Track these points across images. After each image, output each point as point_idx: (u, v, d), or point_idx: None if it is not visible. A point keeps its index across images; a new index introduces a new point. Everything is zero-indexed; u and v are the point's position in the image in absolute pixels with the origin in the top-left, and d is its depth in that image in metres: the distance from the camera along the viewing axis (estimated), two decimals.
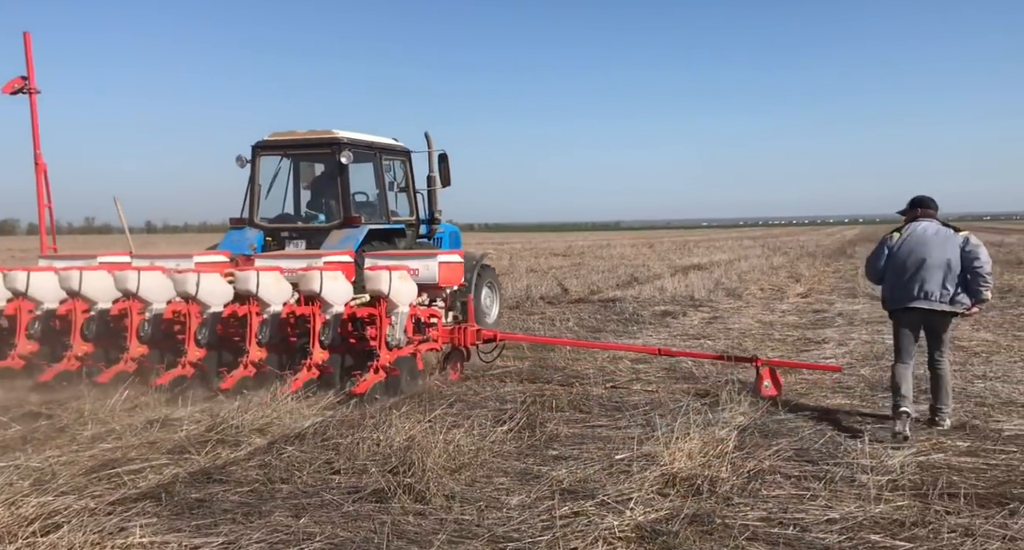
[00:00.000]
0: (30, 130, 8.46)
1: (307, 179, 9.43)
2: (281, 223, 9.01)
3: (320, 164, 9.18)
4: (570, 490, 4.14)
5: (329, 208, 8.90)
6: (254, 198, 8.96)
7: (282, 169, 9.17)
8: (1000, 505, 3.81)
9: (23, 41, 8.21)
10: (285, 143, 8.94)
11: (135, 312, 6.78)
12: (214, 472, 4.47)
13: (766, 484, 4.18)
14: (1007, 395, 6.12)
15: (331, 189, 8.82)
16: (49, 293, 7.12)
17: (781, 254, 29.62)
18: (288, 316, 6.64)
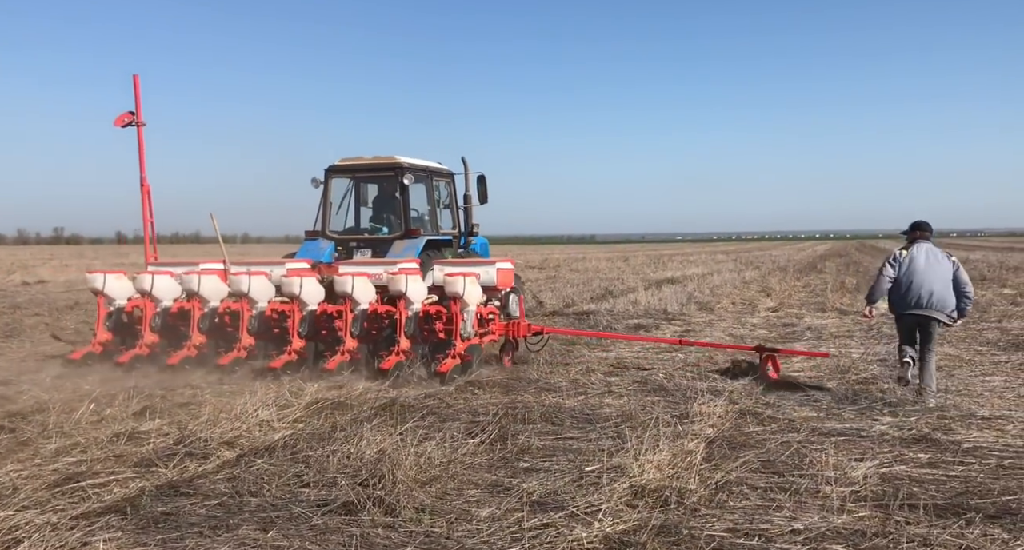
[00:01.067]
0: (136, 157, 9.63)
1: (370, 197, 10.72)
2: (349, 235, 10.27)
3: (382, 184, 10.50)
4: (540, 502, 4.16)
5: (390, 222, 10.24)
6: (326, 213, 10.20)
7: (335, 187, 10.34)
8: (957, 515, 3.91)
9: (132, 82, 9.48)
10: (354, 167, 10.30)
11: (245, 309, 8.16)
12: (181, 485, 4.43)
13: (733, 495, 4.25)
14: (967, 408, 6.27)
15: (392, 206, 10.20)
16: (168, 293, 8.56)
17: (753, 268, 30.01)
18: (373, 312, 8.00)
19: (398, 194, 9.97)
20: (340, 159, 10.32)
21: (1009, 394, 6.85)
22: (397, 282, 7.71)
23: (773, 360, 7.56)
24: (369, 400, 6.63)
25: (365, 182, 10.59)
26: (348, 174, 10.38)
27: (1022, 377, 7.63)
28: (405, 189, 9.86)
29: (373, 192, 10.70)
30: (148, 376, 7.78)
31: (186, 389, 7.15)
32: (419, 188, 10.34)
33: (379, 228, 10.34)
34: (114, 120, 9.49)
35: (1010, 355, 8.95)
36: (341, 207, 10.37)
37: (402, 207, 9.92)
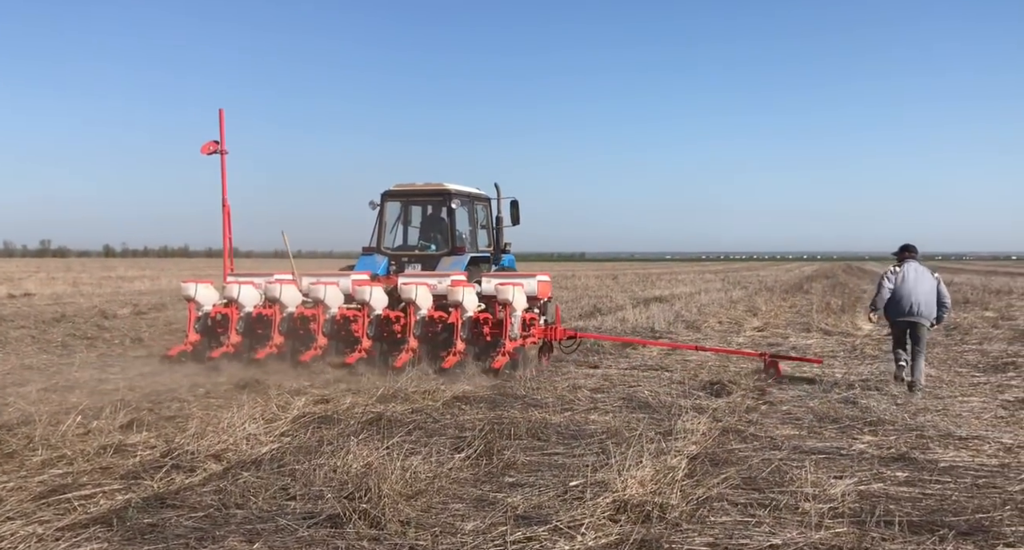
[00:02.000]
0: (220, 181, 10.56)
1: (419, 218, 12.00)
2: (401, 251, 11.55)
3: (432, 207, 11.81)
4: (524, 516, 4.22)
5: (438, 240, 11.50)
6: (382, 232, 11.44)
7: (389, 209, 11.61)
8: (931, 532, 3.99)
9: (219, 115, 10.51)
10: (407, 192, 11.60)
11: (320, 314, 9.45)
12: (168, 497, 4.45)
13: (714, 511, 4.32)
14: (945, 428, 6.38)
15: (440, 226, 11.50)
16: (251, 300, 9.78)
17: (740, 288, 30.23)
18: (436, 316, 9.27)
19: (445, 216, 11.29)
20: (395, 184, 11.61)
21: (987, 415, 6.97)
22: (455, 293, 8.99)
23: (776, 364, 9.08)
24: (356, 414, 6.67)
25: (416, 205, 11.92)
26: (401, 198, 11.66)
27: (1000, 398, 7.75)
28: (452, 212, 11.18)
29: (423, 214, 11.98)
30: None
31: (173, 402, 7.17)
32: (463, 211, 11.59)
33: (428, 245, 11.58)
34: (200, 148, 10.50)
35: (989, 377, 9.09)
36: (394, 226, 11.70)
37: (449, 228, 11.21)
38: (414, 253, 11.46)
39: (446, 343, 9.11)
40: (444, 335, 9.23)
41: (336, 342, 9.53)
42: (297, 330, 9.64)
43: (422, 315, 9.22)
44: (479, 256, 11.42)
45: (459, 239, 11.24)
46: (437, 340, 9.26)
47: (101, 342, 11.89)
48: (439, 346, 9.16)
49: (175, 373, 8.90)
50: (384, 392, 7.55)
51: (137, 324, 14.53)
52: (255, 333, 9.78)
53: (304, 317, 9.70)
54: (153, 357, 10.35)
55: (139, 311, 17.48)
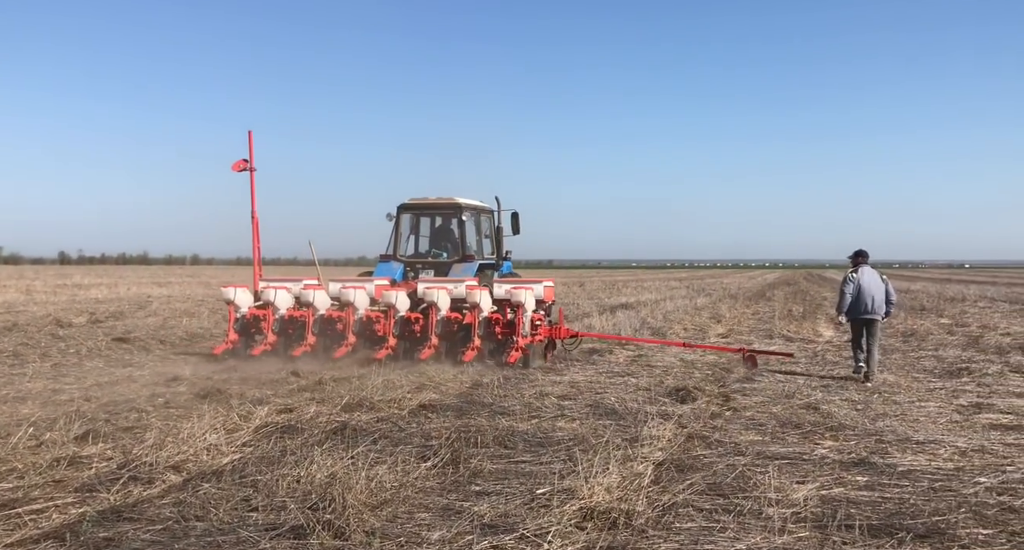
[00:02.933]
0: (249, 196, 11.63)
1: (431, 229, 13.06)
2: (415, 258, 12.62)
3: (443, 219, 12.94)
4: (491, 525, 4.19)
5: (449, 249, 12.64)
6: (397, 241, 12.52)
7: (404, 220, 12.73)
8: (890, 535, 4.07)
9: (248, 137, 11.59)
10: (421, 205, 12.75)
11: (350, 315, 10.51)
12: (125, 510, 4.33)
13: (679, 517, 4.34)
14: (903, 433, 6.53)
15: (450, 236, 12.70)
16: (284, 303, 10.89)
17: (705, 295, 30.62)
18: (454, 317, 10.36)
19: (456, 227, 12.55)
20: (409, 198, 12.72)
21: (942, 419, 7.14)
22: (473, 295, 10.14)
23: (753, 358, 10.54)
24: (320, 424, 6.57)
25: (428, 216, 13.04)
26: (415, 210, 12.79)
27: (955, 403, 7.96)
28: (463, 223, 12.37)
29: (433, 224, 13.07)
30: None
31: (131, 413, 6.99)
32: (471, 222, 12.67)
33: (440, 253, 12.69)
34: (232, 165, 11.44)
35: (944, 382, 9.34)
36: (409, 236, 12.83)
37: (460, 237, 12.41)
38: (427, 260, 12.57)
39: (463, 340, 10.24)
40: (461, 333, 10.35)
41: (363, 340, 10.58)
42: (327, 330, 10.74)
43: (441, 316, 10.28)
44: (486, 263, 12.55)
45: (469, 248, 12.37)
46: (455, 338, 10.37)
47: (55, 352, 11.54)
48: (457, 343, 10.31)
49: (134, 382, 8.70)
50: (349, 401, 7.46)
51: (94, 333, 14.15)
52: (288, 333, 10.92)
53: (332, 318, 10.77)
54: (111, 367, 10.09)
55: (96, 320, 17.03)
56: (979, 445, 6.09)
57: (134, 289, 32.68)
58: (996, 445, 6.11)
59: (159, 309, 20.91)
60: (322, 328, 10.74)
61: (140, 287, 34.60)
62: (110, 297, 26.79)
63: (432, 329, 10.22)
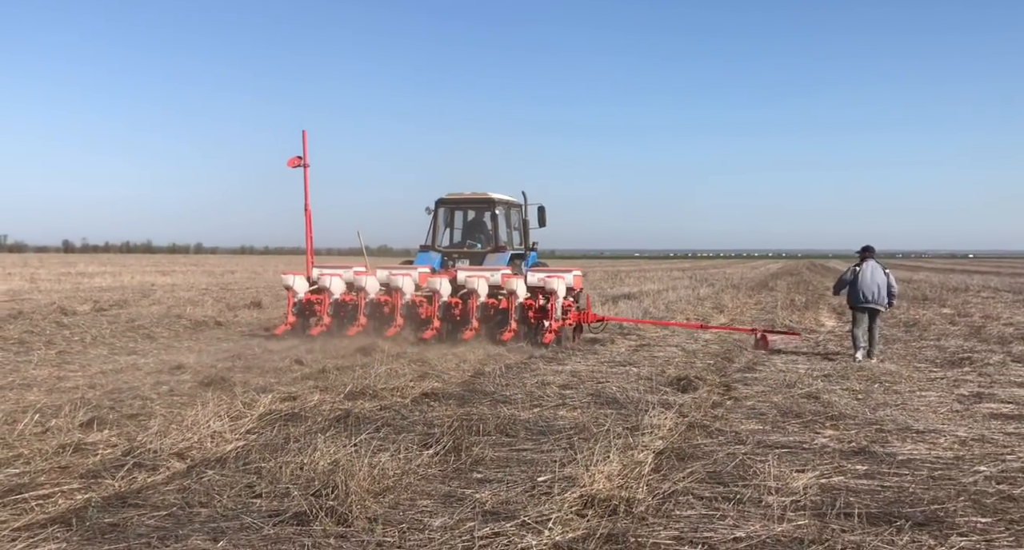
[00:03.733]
0: (302, 190, 12.66)
1: (466, 221, 14.19)
2: (451, 249, 13.74)
3: (477, 212, 14.00)
4: (492, 512, 4.23)
5: (483, 240, 13.75)
6: (435, 233, 13.64)
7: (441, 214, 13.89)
8: (889, 523, 4.10)
9: (302, 136, 12.59)
10: (457, 199, 13.86)
11: (398, 300, 11.62)
12: (130, 496, 4.37)
13: (679, 505, 4.37)
14: (903, 422, 6.55)
15: (484, 228, 13.79)
16: (338, 288, 12.00)
17: (707, 285, 30.61)
18: (491, 302, 11.44)
19: (489, 220, 13.62)
20: (447, 194, 13.85)
21: (943, 409, 7.16)
22: (510, 283, 11.24)
23: (764, 338, 11.52)
24: (323, 412, 6.61)
25: (464, 210, 14.14)
26: (451, 205, 13.90)
27: (955, 393, 7.98)
28: (495, 217, 13.47)
29: (470, 218, 14.16)
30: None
31: (136, 400, 7.04)
32: (502, 216, 13.73)
33: (475, 244, 13.82)
34: (287, 162, 12.41)
35: (946, 372, 9.35)
36: (446, 228, 13.95)
37: (493, 230, 13.50)
38: (463, 250, 13.64)
39: (500, 323, 11.35)
40: (498, 317, 11.46)
41: (409, 322, 11.60)
42: (376, 312, 11.83)
43: (481, 301, 11.33)
44: (516, 253, 13.57)
45: (501, 239, 13.50)
46: (493, 321, 11.46)
47: (60, 339, 11.60)
48: (494, 326, 11.38)
49: (138, 370, 8.76)
50: (352, 389, 7.50)
51: (98, 321, 14.21)
52: (340, 315, 11.98)
53: (381, 302, 11.90)
54: (115, 354, 10.15)
55: (100, 308, 17.09)
56: (979, 434, 6.11)
57: (138, 277, 32.77)
58: (996, 434, 6.13)
59: (163, 297, 20.98)
60: (372, 310, 11.84)
61: (144, 275, 34.68)
62: (114, 285, 26.88)
63: (473, 313, 11.28)
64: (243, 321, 14.94)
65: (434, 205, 13.77)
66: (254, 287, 27.40)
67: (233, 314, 16.34)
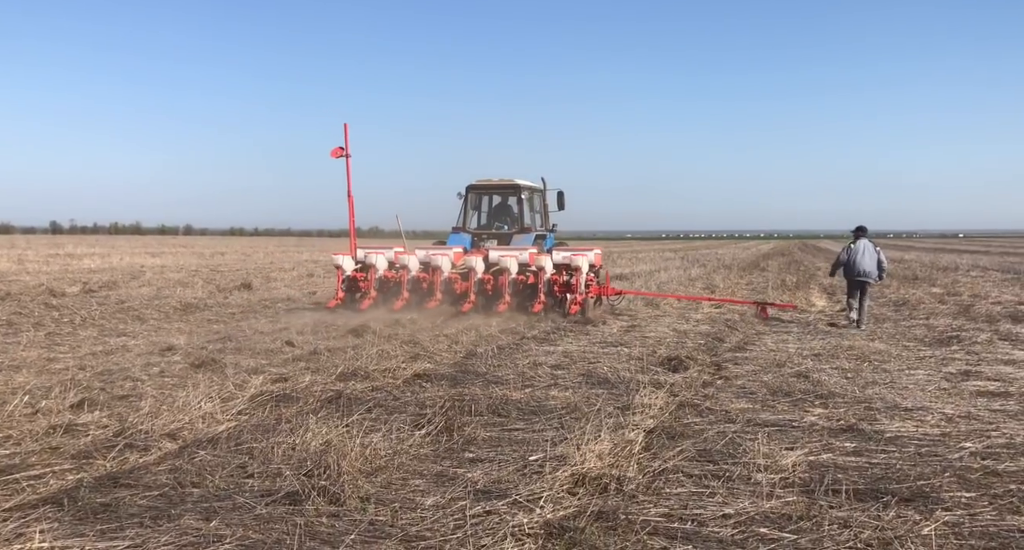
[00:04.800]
0: (345, 178, 13.74)
1: (493, 205, 15.48)
2: (481, 230, 15.03)
3: (504, 197, 15.31)
4: (484, 491, 4.26)
5: (509, 222, 15.06)
6: (466, 216, 14.96)
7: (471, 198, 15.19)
8: (875, 499, 4.15)
9: (343, 128, 13.67)
10: (486, 185, 15.18)
11: (437, 277, 12.81)
12: (121, 477, 4.37)
13: (669, 483, 4.41)
14: (892, 400, 6.61)
15: (510, 212, 15.12)
16: (382, 266, 13.28)
17: (699, 266, 30.68)
18: (520, 278, 12.67)
19: (515, 204, 14.94)
20: (476, 180, 15.11)
21: (931, 387, 7.23)
22: (540, 260, 12.51)
23: (764, 308, 12.94)
24: (315, 393, 6.62)
25: (492, 195, 15.44)
26: (480, 190, 15.21)
27: (943, 371, 8.05)
28: (521, 201, 14.77)
29: (490, 202, 15.49)
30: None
31: (126, 382, 7.02)
32: (527, 200, 14.98)
33: (502, 226, 15.12)
34: (330, 152, 13.44)
35: (934, 351, 9.43)
36: (477, 211, 15.22)
37: (519, 213, 14.81)
38: (491, 232, 14.92)
39: (529, 297, 12.56)
40: (527, 291, 12.65)
41: (447, 296, 12.75)
42: (417, 288, 12.97)
43: (512, 277, 12.54)
44: (539, 234, 14.88)
45: (525, 221, 14.79)
46: (523, 295, 12.66)
47: (49, 321, 11.54)
48: (524, 299, 12.60)
49: (129, 352, 8.73)
50: (344, 370, 7.51)
51: (88, 303, 14.13)
52: (384, 290, 13.18)
53: (420, 279, 13.05)
54: (105, 336, 10.11)
55: (89, 289, 17.00)
56: (966, 411, 6.18)
57: (127, 259, 32.57)
58: (982, 411, 6.20)
59: (152, 279, 20.86)
60: (413, 286, 13.02)
61: (133, 257, 34.47)
62: (103, 267, 26.71)
63: (505, 288, 12.51)
64: (233, 303, 14.88)
65: (465, 191, 14.99)
66: (244, 269, 27.26)
67: (223, 296, 16.28)
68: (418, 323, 11.29)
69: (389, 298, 12.93)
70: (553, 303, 12.64)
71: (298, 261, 34.32)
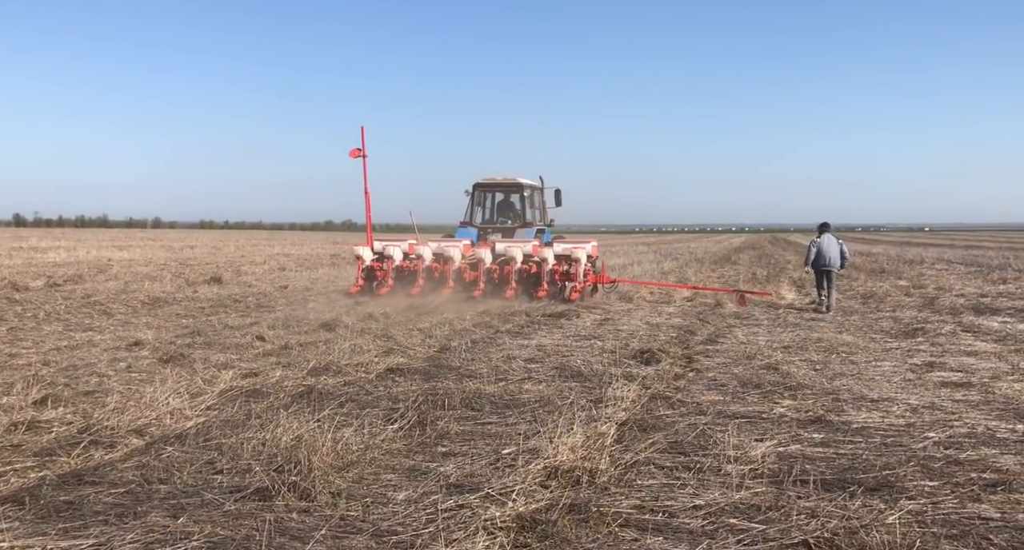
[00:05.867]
0: (362, 176, 14.87)
1: (496, 201, 16.98)
2: (486, 224, 16.48)
3: (507, 194, 16.92)
4: (456, 485, 4.25)
5: (512, 217, 16.62)
6: (472, 211, 16.42)
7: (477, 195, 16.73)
8: (842, 489, 4.22)
9: (360, 131, 15.02)
10: (491, 184, 16.66)
11: (449, 266, 14.27)
12: (86, 474, 4.29)
13: (641, 474, 4.44)
14: (859, 391, 6.72)
15: (513, 208, 16.76)
16: (398, 256, 14.70)
17: (672, 260, 30.93)
18: (525, 268, 14.15)
19: (517, 201, 16.65)
20: (482, 178, 16.56)
21: (897, 378, 7.37)
22: (543, 252, 14.00)
23: (742, 296, 13.94)
24: (286, 388, 6.55)
25: (496, 192, 16.92)
26: (486, 188, 16.69)
27: (909, 362, 8.21)
28: (523, 198, 16.44)
29: (494, 199, 16.97)
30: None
31: (92, 377, 6.89)
32: (528, 197, 16.50)
33: (505, 221, 16.62)
34: (348, 153, 14.70)
35: (900, 343, 9.61)
36: (482, 207, 16.67)
37: (521, 209, 16.48)
38: (495, 226, 16.35)
39: (534, 284, 13.96)
40: (531, 279, 14.08)
41: (459, 284, 14.08)
42: (430, 276, 14.32)
43: (518, 267, 14.00)
44: (539, 228, 16.17)
45: (527, 217, 16.33)
46: (527, 283, 14.05)
47: (12, 316, 11.27)
48: (528, 287, 13.97)
49: (95, 347, 8.56)
50: (316, 365, 7.44)
51: (52, 297, 13.83)
52: (401, 278, 14.51)
53: (433, 268, 14.38)
54: (70, 331, 9.90)
55: (54, 283, 16.64)
56: (930, 402, 6.31)
57: (94, 252, 31.91)
58: (945, 401, 6.34)
59: (120, 273, 20.48)
60: (427, 275, 14.36)
61: (100, 250, 33.78)
62: (69, 260, 26.15)
63: (512, 277, 13.92)
64: (203, 297, 14.67)
65: (472, 188, 16.39)
66: (214, 262, 26.88)
67: (193, 290, 16.04)
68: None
69: (405, 285, 14.27)
70: (555, 291, 13.94)
71: (270, 255, 33.92)
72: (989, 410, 6.06)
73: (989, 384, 7.03)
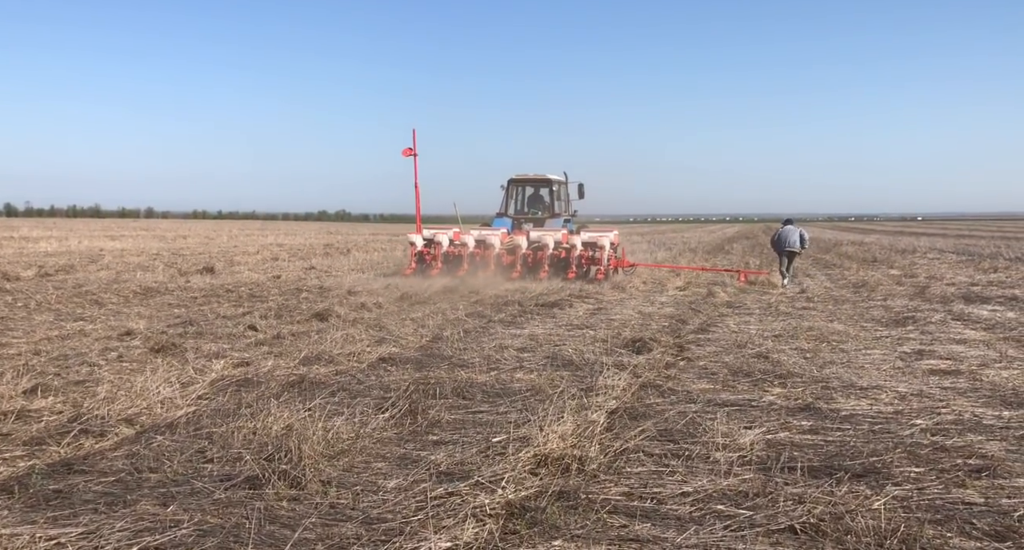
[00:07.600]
0: (412, 172, 17.37)
1: (527, 194, 19.28)
2: (519, 215, 18.74)
3: (538, 188, 19.20)
4: (447, 472, 4.26)
5: (542, 209, 18.90)
6: (507, 203, 18.70)
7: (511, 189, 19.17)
8: (829, 476, 4.26)
9: (412, 133, 17.40)
10: (523, 179, 18.94)
11: (490, 253, 16.33)
12: (75, 463, 4.29)
13: (630, 462, 4.47)
14: (848, 379, 6.77)
15: (542, 200, 19.09)
16: (445, 243, 16.73)
17: (665, 249, 30.99)
18: (556, 253, 16.22)
19: (547, 194, 18.99)
20: (515, 174, 18.76)
21: (886, 366, 7.42)
22: (572, 239, 16.13)
23: (744, 274, 16.51)
24: (277, 377, 6.55)
25: (527, 187, 19.23)
26: (519, 182, 19.02)
27: (899, 351, 8.26)
28: (552, 191, 18.81)
29: (524, 192, 19.26)
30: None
31: (82, 366, 6.87)
32: (556, 190, 18.75)
33: (536, 212, 18.86)
34: (401, 152, 17.03)
35: (890, 331, 9.67)
36: (515, 200, 18.96)
37: (550, 201, 18.85)
38: (527, 216, 18.58)
39: (563, 268, 16.03)
40: (560, 264, 16.12)
41: (498, 268, 16.06)
42: (472, 261, 16.37)
43: (550, 253, 16.08)
44: (566, 218, 18.27)
45: (555, 209, 18.60)
46: (557, 266, 16.10)
47: (2, 305, 11.22)
48: (558, 270, 16.00)
49: (86, 336, 8.54)
50: (307, 354, 7.44)
51: (43, 287, 13.77)
52: (448, 263, 16.50)
53: (475, 254, 16.50)
54: (61, 321, 9.87)
55: (45, 273, 16.56)
56: (918, 389, 6.36)
57: (85, 242, 31.75)
58: (934, 389, 6.39)
59: (112, 263, 20.39)
60: (471, 260, 16.40)
61: (92, 240, 33.61)
62: (60, 250, 26.02)
63: (545, 261, 16.01)
64: (195, 287, 14.63)
65: (507, 182, 18.67)
66: (207, 252, 26.79)
67: (185, 280, 16.00)
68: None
69: (452, 268, 16.27)
70: (582, 273, 16.01)
71: (263, 244, 33.82)
72: (976, 397, 6.11)
73: (977, 372, 7.08)
